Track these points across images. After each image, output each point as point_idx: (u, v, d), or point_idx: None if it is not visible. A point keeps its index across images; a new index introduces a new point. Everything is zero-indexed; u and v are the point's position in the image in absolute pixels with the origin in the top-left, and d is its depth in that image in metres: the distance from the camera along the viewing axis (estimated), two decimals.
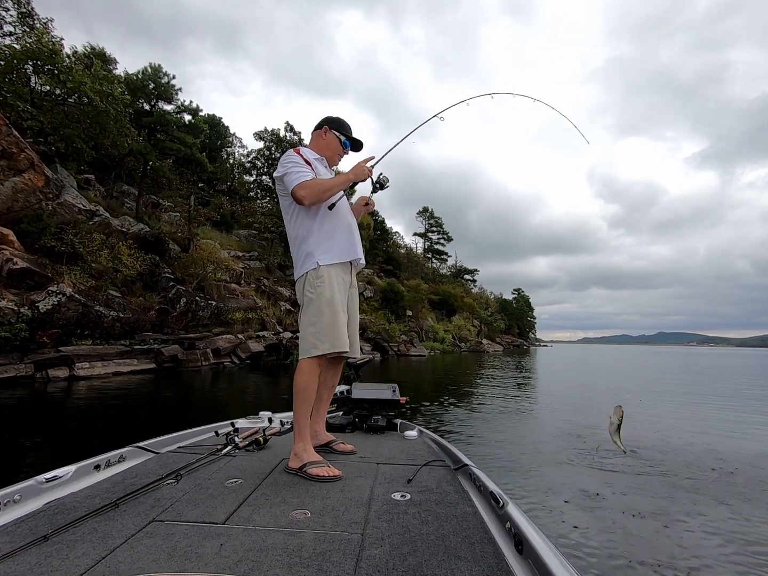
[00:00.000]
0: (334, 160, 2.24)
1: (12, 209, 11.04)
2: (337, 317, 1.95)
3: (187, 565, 1.10)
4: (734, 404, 9.13)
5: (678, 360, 37.54)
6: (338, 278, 2.02)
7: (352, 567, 1.10)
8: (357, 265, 2.17)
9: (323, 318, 1.94)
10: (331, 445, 2.11)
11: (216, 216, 22.47)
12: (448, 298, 43.27)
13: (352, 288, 2.14)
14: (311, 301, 1.96)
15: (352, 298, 2.16)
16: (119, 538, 1.24)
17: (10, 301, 9.63)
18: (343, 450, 2.04)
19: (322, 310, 1.94)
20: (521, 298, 78.29)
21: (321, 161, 2.18)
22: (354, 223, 2.17)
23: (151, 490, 1.61)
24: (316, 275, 1.99)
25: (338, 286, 2.01)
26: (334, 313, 1.95)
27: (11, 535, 1.26)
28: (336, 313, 1.95)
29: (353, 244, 2.10)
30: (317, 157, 2.17)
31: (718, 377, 17.47)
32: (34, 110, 12.63)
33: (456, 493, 1.64)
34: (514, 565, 1.13)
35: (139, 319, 12.75)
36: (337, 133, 2.21)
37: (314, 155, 2.16)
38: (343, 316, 1.98)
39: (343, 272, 2.07)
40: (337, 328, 1.93)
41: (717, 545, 2.69)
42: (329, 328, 1.92)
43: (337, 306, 1.96)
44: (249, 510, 1.46)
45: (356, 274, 2.23)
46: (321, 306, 1.95)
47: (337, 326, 1.94)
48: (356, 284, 2.22)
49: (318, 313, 1.94)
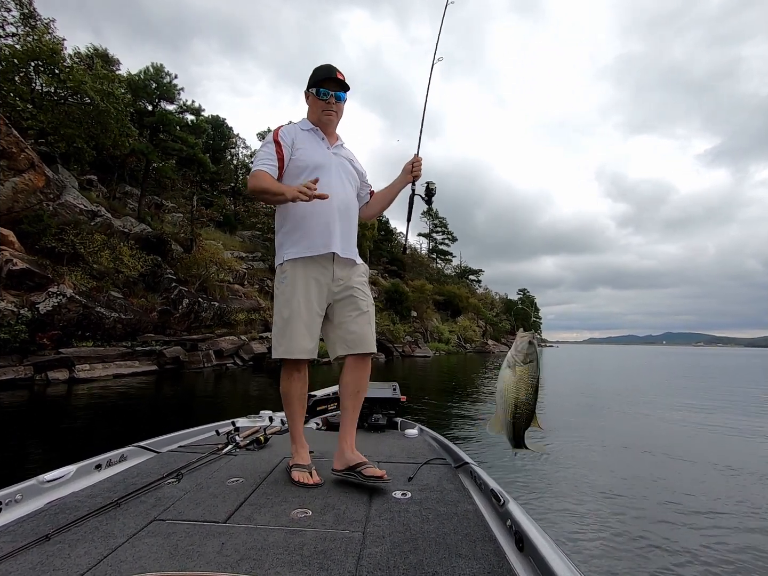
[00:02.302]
0: (325, 123, 1.86)
1: (12, 210, 10.95)
2: (293, 320, 1.72)
3: (189, 564, 1.10)
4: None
5: (689, 361, 37.05)
6: (305, 275, 1.77)
7: (353, 565, 1.10)
8: (343, 260, 1.83)
9: (280, 319, 1.76)
10: (358, 469, 1.74)
11: (219, 217, 22.38)
12: (452, 298, 43.01)
13: (337, 285, 1.82)
14: (275, 299, 1.84)
15: (341, 299, 1.82)
16: (121, 538, 1.24)
17: (9, 303, 9.51)
18: (371, 475, 1.65)
19: (280, 310, 1.77)
20: (527, 298, 77.85)
21: (314, 132, 1.88)
22: (343, 210, 1.83)
23: (153, 490, 1.61)
24: (280, 271, 1.82)
25: (303, 285, 1.75)
26: (291, 314, 1.73)
27: (13, 534, 1.26)
28: (293, 315, 1.73)
29: (328, 234, 1.77)
30: (311, 128, 1.88)
31: (738, 381, 17.13)
32: (34, 110, 12.55)
33: (457, 491, 1.65)
34: (515, 562, 1.13)
35: (141, 320, 12.62)
36: (312, 90, 1.84)
37: (308, 126, 1.88)
38: (304, 318, 1.73)
39: (318, 268, 1.79)
40: (290, 331, 1.71)
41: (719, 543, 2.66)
42: (283, 331, 1.73)
43: (295, 307, 1.73)
44: (250, 509, 1.47)
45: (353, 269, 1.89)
46: (280, 306, 1.77)
47: (291, 330, 1.72)
48: (354, 281, 1.85)
49: (277, 313, 1.78)
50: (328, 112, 1.84)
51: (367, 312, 1.83)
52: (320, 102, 1.83)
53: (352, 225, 1.90)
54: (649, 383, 14.41)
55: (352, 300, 1.82)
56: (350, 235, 1.88)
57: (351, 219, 1.90)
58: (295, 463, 1.77)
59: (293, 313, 1.73)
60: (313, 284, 1.78)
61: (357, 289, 1.84)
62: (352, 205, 1.92)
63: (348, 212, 1.88)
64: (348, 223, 1.87)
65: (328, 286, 1.81)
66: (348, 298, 1.82)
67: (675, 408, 8.48)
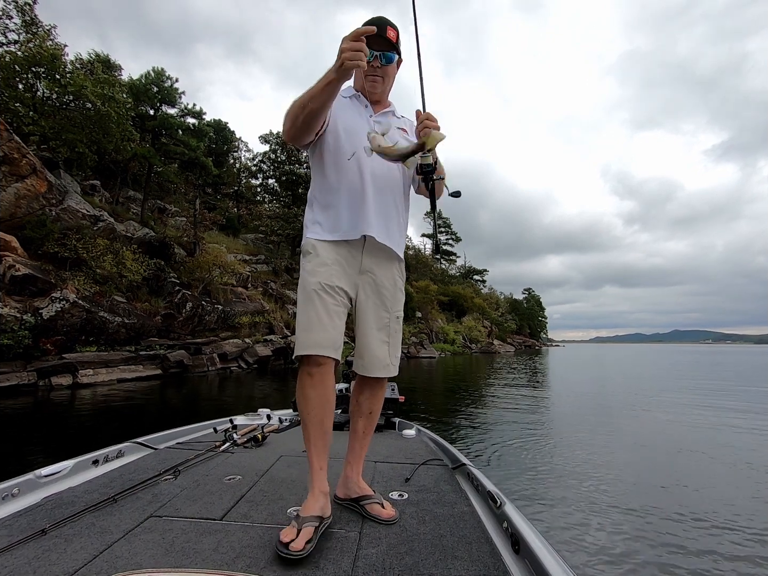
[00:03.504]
0: (369, 90, 1.51)
1: (15, 215, 10.94)
2: (309, 309, 1.40)
3: (185, 560, 1.10)
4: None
5: (699, 359, 36.68)
6: (329, 259, 1.44)
7: (349, 565, 1.10)
8: (373, 246, 1.48)
9: (298, 309, 1.46)
10: (362, 503, 1.46)
11: (222, 220, 22.38)
12: (457, 299, 42.82)
13: (366, 276, 1.49)
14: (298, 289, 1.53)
15: (369, 293, 1.50)
16: (117, 533, 1.24)
17: (12, 308, 9.48)
18: (377, 515, 1.40)
19: (299, 297, 1.47)
20: (532, 297, 77.45)
21: (356, 98, 1.56)
22: (380, 186, 1.48)
23: (149, 486, 1.61)
24: (303, 252, 1.51)
25: (324, 270, 1.43)
26: (306, 302, 1.42)
27: (9, 528, 1.25)
28: (308, 302, 1.41)
29: (357, 213, 1.44)
30: (353, 94, 1.57)
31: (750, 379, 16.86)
32: (36, 115, 12.57)
33: (453, 493, 1.64)
34: (511, 564, 1.13)
35: (145, 324, 12.58)
36: None
37: (350, 92, 1.57)
38: (318, 308, 1.40)
39: (343, 252, 1.46)
40: (304, 322, 1.40)
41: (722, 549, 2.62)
42: (299, 324, 1.42)
43: (310, 294, 1.41)
44: (247, 506, 1.47)
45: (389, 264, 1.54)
46: (298, 293, 1.48)
47: (306, 321, 1.40)
48: (385, 281, 1.52)
49: (298, 302, 1.48)
50: (373, 77, 1.50)
51: (387, 326, 1.51)
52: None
53: (391, 206, 1.51)
54: (658, 382, 14.18)
55: (376, 308, 1.50)
56: (388, 218, 1.50)
57: (391, 198, 1.51)
58: (299, 510, 1.33)
59: (308, 301, 1.41)
60: (339, 271, 1.45)
61: (384, 294, 1.51)
62: (394, 182, 1.52)
63: (387, 189, 1.50)
64: (386, 202, 1.49)
65: (351, 275, 1.47)
66: (371, 303, 1.50)
67: (684, 409, 8.30)
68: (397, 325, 1.55)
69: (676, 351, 73.55)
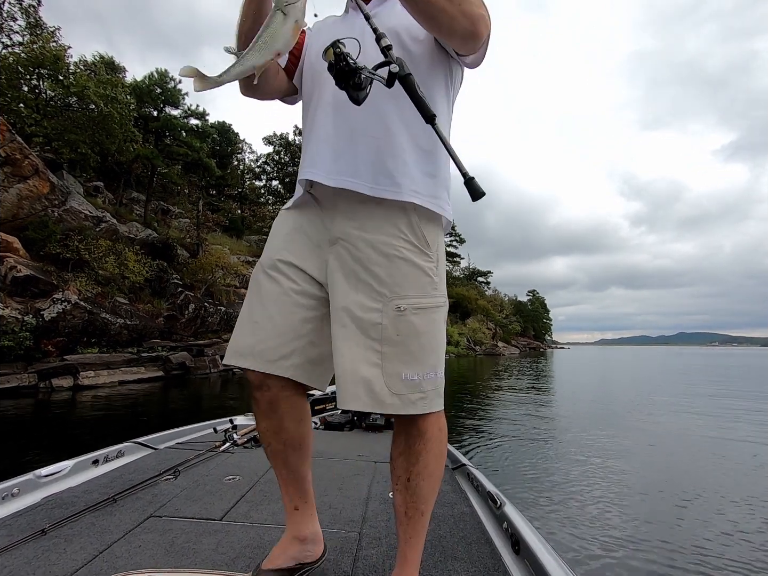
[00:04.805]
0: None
1: (17, 216, 10.91)
2: (249, 301, 1.00)
3: (185, 561, 1.09)
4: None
5: (705, 362, 36.33)
6: (285, 227, 1.02)
7: (349, 566, 1.10)
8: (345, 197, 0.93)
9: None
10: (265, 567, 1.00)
11: (225, 221, 22.36)
12: (461, 300, 42.67)
13: (338, 247, 0.94)
14: None
15: (340, 271, 0.93)
16: (117, 534, 1.23)
17: (14, 310, 9.43)
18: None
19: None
20: (536, 299, 77.11)
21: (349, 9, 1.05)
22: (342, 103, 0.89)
23: (149, 486, 1.61)
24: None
25: (274, 243, 1.02)
26: (249, 292, 1.02)
27: (9, 528, 1.24)
28: (251, 292, 1.01)
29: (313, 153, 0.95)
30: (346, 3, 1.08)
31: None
32: (38, 116, 12.57)
33: (453, 493, 1.63)
34: (511, 565, 1.12)
35: (147, 326, 12.52)
36: None
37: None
38: (251, 298, 1.00)
39: (306, 218, 1.00)
40: (239, 321, 1.00)
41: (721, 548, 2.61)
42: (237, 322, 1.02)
43: (250, 282, 1.03)
44: (247, 506, 1.46)
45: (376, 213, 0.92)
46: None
47: (241, 318, 1.00)
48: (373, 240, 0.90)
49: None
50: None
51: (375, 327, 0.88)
52: None
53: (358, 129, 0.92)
54: (662, 386, 13.96)
55: (351, 295, 0.91)
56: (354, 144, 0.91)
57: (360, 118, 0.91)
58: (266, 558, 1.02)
59: (252, 291, 1.01)
60: (294, 237, 1.00)
61: (369, 272, 0.90)
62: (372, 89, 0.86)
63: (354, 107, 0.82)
64: (351, 123, 0.92)
65: (324, 254, 0.97)
66: (341, 288, 0.93)
67: (686, 413, 8.12)
68: (406, 324, 0.88)
69: (683, 354, 72.95)
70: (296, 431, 1.01)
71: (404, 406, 0.87)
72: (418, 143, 0.93)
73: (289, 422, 0.99)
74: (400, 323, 0.88)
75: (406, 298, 0.89)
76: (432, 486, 0.95)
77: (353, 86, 0.76)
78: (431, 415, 0.91)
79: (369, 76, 0.77)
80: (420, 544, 0.96)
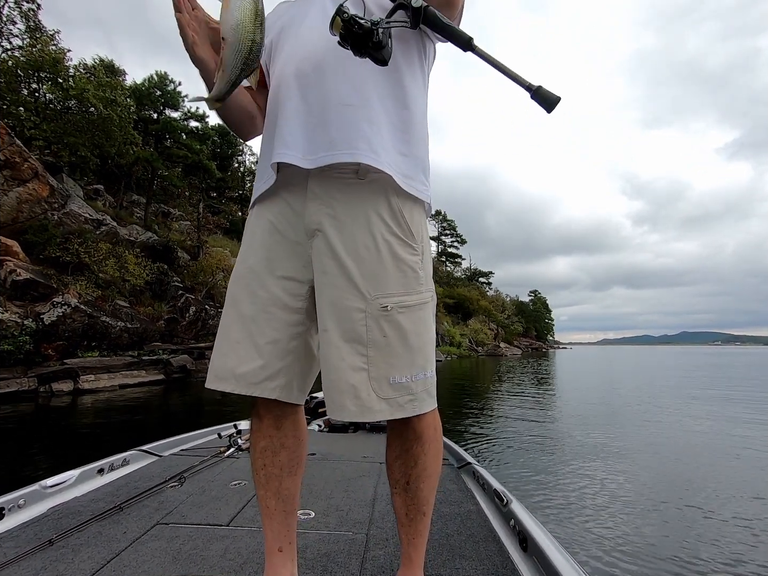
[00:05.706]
0: None
1: (17, 220, 10.87)
2: (227, 318, 0.92)
3: (192, 567, 1.09)
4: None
5: (710, 361, 36.21)
6: (258, 227, 0.93)
7: (357, 568, 1.09)
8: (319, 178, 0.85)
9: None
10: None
11: (226, 223, 22.32)
12: (463, 301, 42.58)
13: (317, 240, 0.85)
14: None
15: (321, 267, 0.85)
16: (124, 542, 1.23)
17: (13, 314, 9.37)
18: None
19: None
20: (538, 299, 76.95)
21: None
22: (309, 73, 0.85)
23: (155, 493, 1.61)
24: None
25: (246, 247, 0.95)
26: (226, 308, 0.93)
27: (16, 540, 1.24)
28: (228, 308, 0.92)
29: (283, 132, 0.85)
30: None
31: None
32: (37, 119, 12.54)
33: (460, 492, 1.63)
34: (519, 563, 1.11)
35: (148, 329, 12.45)
36: None
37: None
38: (228, 312, 0.92)
39: (278, 210, 0.90)
40: (217, 340, 0.92)
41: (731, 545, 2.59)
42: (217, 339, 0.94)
43: (234, 290, 0.92)
44: (253, 511, 1.46)
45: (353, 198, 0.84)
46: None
47: (219, 338, 0.92)
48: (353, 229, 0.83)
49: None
50: None
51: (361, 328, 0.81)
52: None
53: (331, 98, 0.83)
54: (666, 386, 13.86)
55: (333, 293, 0.83)
56: (326, 113, 0.83)
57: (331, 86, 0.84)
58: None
59: (230, 303, 0.92)
60: (268, 238, 0.90)
61: (349, 266, 0.81)
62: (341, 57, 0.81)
63: (326, 74, 0.83)
64: (320, 93, 0.84)
65: (303, 251, 0.88)
66: (325, 286, 0.84)
67: (689, 413, 8.02)
68: (392, 324, 0.81)
69: (687, 353, 72.75)
70: (296, 451, 0.95)
71: (393, 410, 0.81)
72: (391, 119, 0.86)
73: (290, 440, 0.94)
74: (386, 324, 0.81)
75: (391, 297, 0.82)
76: (432, 486, 0.93)
77: (373, 47, 0.69)
78: (426, 415, 0.86)
79: (387, 28, 0.69)
80: (423, 544, 0.94)
